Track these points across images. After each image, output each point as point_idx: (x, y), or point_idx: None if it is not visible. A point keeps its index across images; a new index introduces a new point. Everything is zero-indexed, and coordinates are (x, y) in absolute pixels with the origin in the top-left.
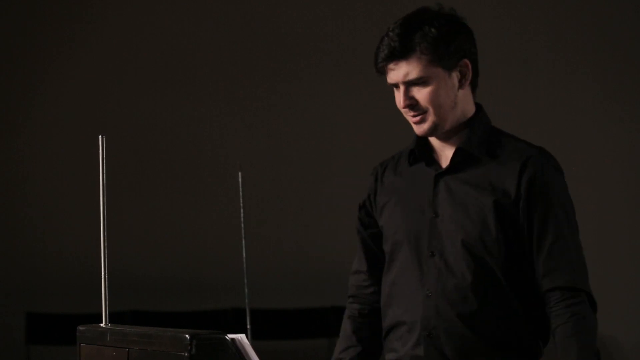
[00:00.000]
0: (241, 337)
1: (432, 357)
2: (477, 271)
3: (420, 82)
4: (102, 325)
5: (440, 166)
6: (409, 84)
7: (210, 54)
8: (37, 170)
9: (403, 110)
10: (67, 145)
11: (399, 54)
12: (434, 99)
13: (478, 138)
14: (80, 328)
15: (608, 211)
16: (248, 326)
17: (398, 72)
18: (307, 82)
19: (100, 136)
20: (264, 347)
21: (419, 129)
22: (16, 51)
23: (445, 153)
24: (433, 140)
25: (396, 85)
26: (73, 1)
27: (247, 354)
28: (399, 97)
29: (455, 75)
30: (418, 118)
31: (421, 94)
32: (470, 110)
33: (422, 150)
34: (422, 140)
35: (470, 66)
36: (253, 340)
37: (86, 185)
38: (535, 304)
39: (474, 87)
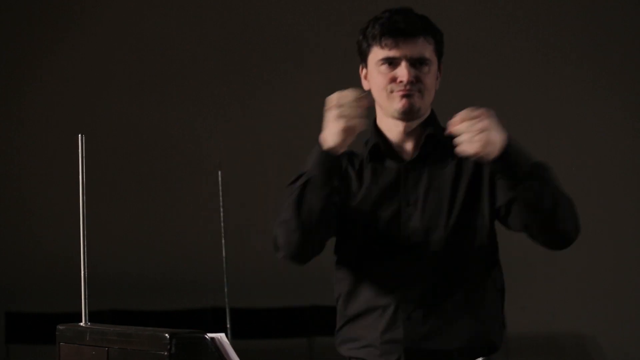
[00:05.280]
0: (221, 337)
1: (412, 338)
2: (457, 255)
3: (424, 62)
4: (82, 324)
5: (403, 159)
6: (413, 62)
7: (191, 53)
8: (17, 170)
9: (395, 85)
10: (48, 145)
11: (412, 32)
12: (430, 81)
13: (442, 130)
14: (60, 327)
15: (609, 210)
16: (228, 325)
17: (405, 49)
18: (291, 81)
19: (79, 135)
20: (244, 347)
21: (405, 103)
22: None
23: (406, 147)
24: (393, 136)
25: (390, 62)
26: (53, 4)
27: (226, 353)
28: (400, 71)
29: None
30: (411, 93)
31: (422, 73)
32: (429, 110)
33: (386, 145)
34: (382, 137)
35: (442, 70)
36: (233, 339)
37: (66, 184)
38: (493, 298)
39: None
